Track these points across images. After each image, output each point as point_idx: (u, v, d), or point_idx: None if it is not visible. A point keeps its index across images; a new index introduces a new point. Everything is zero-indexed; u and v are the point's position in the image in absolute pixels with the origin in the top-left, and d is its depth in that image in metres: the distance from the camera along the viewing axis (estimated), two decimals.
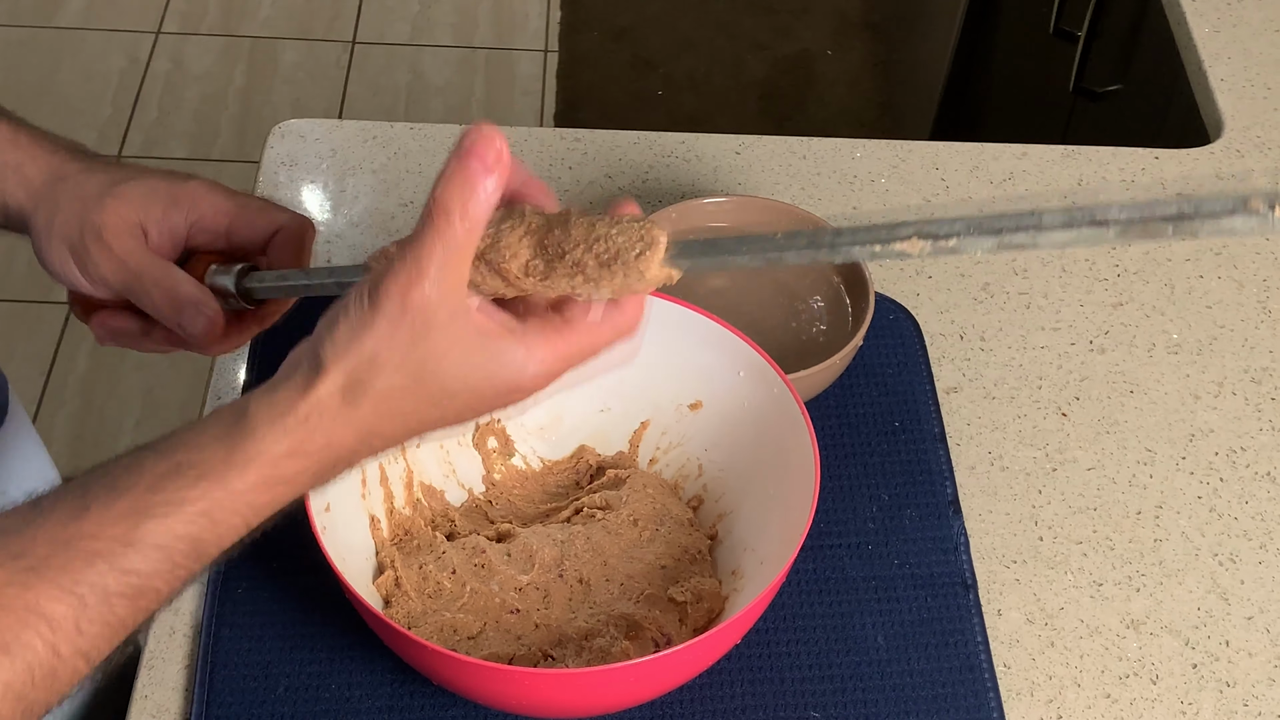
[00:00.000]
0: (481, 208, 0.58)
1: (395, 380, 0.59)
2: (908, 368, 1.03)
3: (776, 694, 0.86)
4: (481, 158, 0.57)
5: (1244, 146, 1.22)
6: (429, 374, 0.59)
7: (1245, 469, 1.00)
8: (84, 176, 0.77)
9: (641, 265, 0.59)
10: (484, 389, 0.61)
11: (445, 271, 0.58)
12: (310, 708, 0.84)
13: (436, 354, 0.59)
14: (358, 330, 0.58)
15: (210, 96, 2.67)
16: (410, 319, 0.58)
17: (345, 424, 0.60)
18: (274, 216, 0.78)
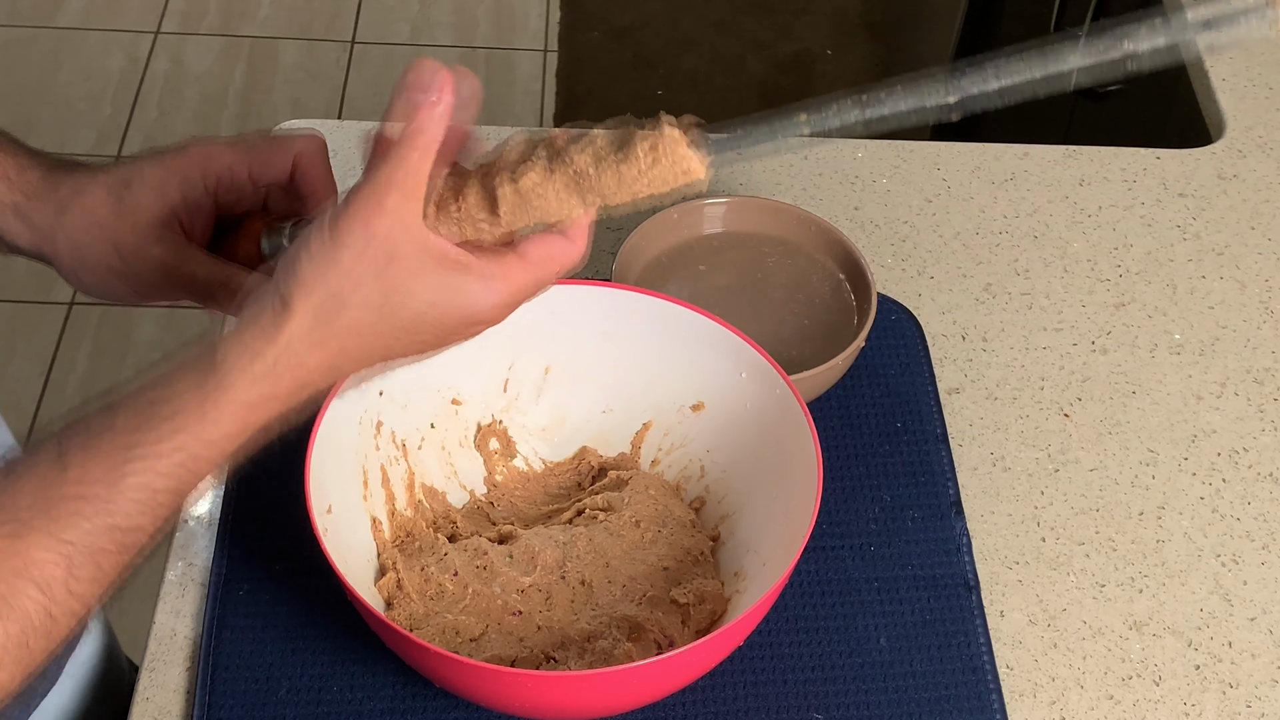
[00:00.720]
0: (431, 133, 0.59)
1: (360, 315, 0.60)
2: (910, 369, 1.03)
3: (779, 695, 0.86)
4: (424, 87, 0.58)
5: (1246, 146, 1.22)
6: (393, 306, 0.60)
7: (1248, 470, 0.99)
8: (82, 199, 0.75)
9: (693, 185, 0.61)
10: (447, 321, 0.62)
11: (406, 200, 0.59)
12: (312, 710, 0.84)
13: (400, 285, 0.60)
14: (321, 265, 0.59)
15: (210, 96, 2.67)
16: (374, 250, 0.59)
17: (314, 363, 0.61)
18: (287, 145, 0.77)
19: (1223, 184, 1.19)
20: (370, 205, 0.58)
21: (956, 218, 1.15)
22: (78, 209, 0.75)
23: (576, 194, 0.62)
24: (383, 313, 0.60)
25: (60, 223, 0.75)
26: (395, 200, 0.58)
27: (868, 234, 1.13)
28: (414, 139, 0.58)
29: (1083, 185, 1.18)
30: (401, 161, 0.58)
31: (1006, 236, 1.14)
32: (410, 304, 0.60)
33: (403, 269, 0.59)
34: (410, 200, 0.59)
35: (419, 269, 0.60)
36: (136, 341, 2.27)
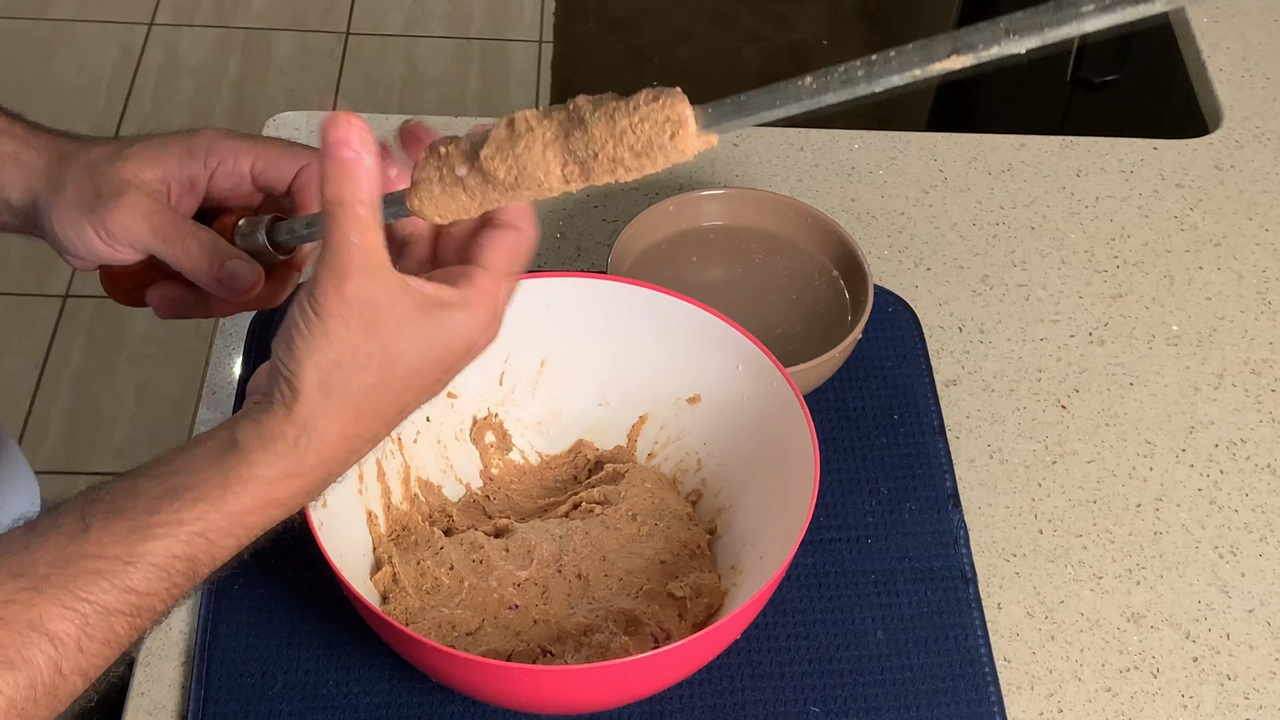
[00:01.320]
0: (369, 188, 0.59)
1: (366, 377, 0.61)
2: (907, 361, 1.02)
3: (776, 689, 0.86)
4: (347, 143, 0.59)
5: (1243, 137, 1.22)
6: (392, 360, 0.61)
7: (1245, 461, 0.99)
8: (86, 150, 0.76)
9: (679, 145, 0.58)
10: (445, 358, 0.63)
11: (367, 256, 0.59)
12: (307, 704, 0.83)
13: (392, 337, 0.60)
14: (312, 341, 0.60)
15: (204, 88, 2.66)
16: (357, 311, 0.59)
17: (333, 437, 0.61)
18: (297, 154, 0.76)
19: (1220, 174, 1.19)
20: (337, 273, 0.59)
21: (953, 209, 1.15)
22: (78, 157, 0.75)
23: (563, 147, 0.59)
24: (386, 369, 0.61)
25: (56, 169, 0.75)
26: (358, 261, 0.59)
27: (864, 225, 1.13)
28: (357, 196, 0.59)
29: (1080, 176, 1.18)
30: (353, 222, 0.59)
31: (1003, 228, 1.13)
32: (408, 353, 0.61)
33: (390, 323, 0.60)
34: (372, 256, 0.59)
35: (403, 319, 0.60)
36: (131, 334, 2.26)
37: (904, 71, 0.53)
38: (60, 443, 2.13)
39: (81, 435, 2.15)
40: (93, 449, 2.13)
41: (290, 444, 0.61)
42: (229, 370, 1.01)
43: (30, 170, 0.76)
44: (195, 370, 2.20)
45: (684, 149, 0.58)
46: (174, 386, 2.21)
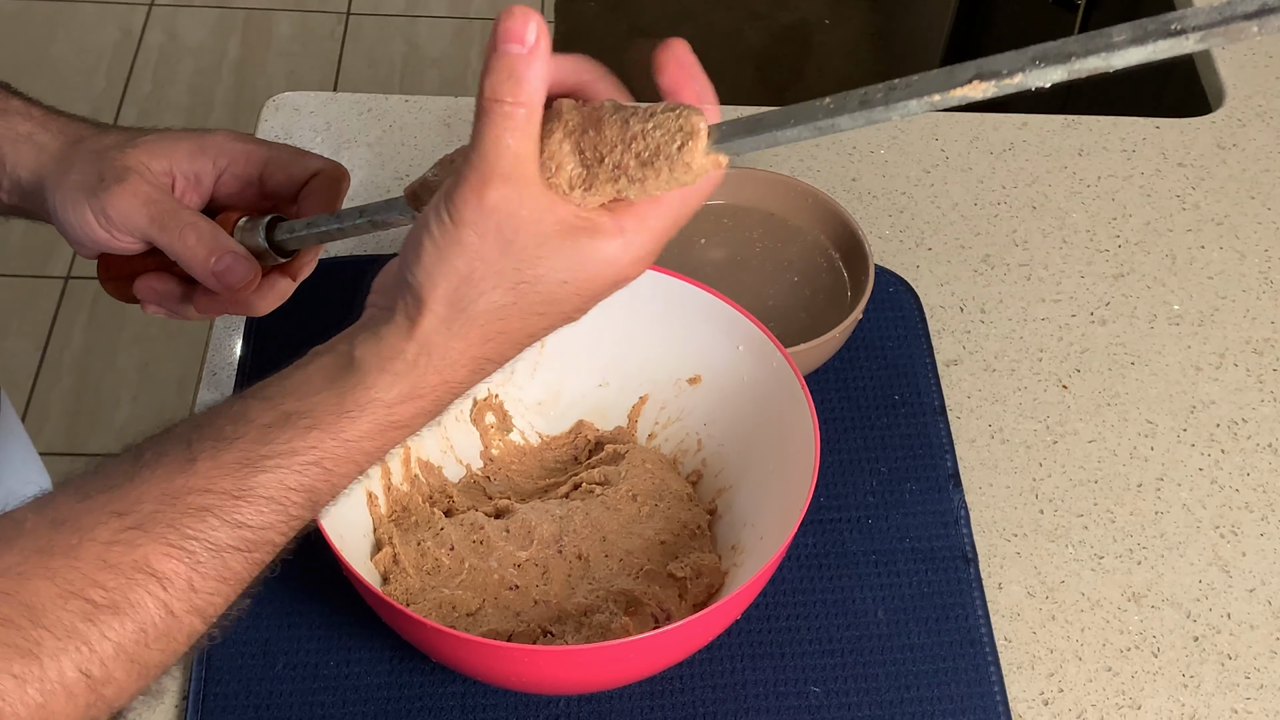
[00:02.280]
0: (534, 88, 0.54)
1: (496, 297, 0.56)
2: (907, 341, 1.02)
3: (777, 669, 0.86)
4: (519, 38, 0.53)
5: (1245, 115, 1.21)
6: (529, 282, 0.56)
7: (1247, 440, 0.99)
8: (101, 135, 0.75)
9: (686, 158, 0.55)
10: (587, 288, 0.57)
11: (517, 165, 0.54)
12: (308, 685, 0.84)
13: (531, 258, 0.55)
14: (445, 251, 0.55)
15: (204, 69, 2.66)
16: (495, 223, 0.54)
17: (457, 357, 0.57)
18: (308, 162, 0.76)
19: (1222, 153, 1.18)
20: (481, 177, 0.54)
21: (955, 188, 1.14)
22: (91, 141, 0.75)
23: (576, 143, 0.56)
24: (519, 290, 0.56)
25: (69, 151, 0.74)
26: (507, 168, 0.54)
27: (865, 205, 1.12)
28: (516, 95, 0.53)
29: (1082, 155, 1.17)
30: (508, 123, 0.53)
31: (1005, 207, 1.13)
32: (546, 278, 0.56)
33: (529, 241, 0.55)
34: (523, 165, 0.54)
35: (546, 241, 0.55)
36: (132, 316, 2.26)
37: (923, 97, 0.51)
38: (62, 424, 2.13)
39: (83, 416, 2.15)
40: (94, 430, 2.13)
41: (410, 363, 0.56)
42: (230, 352, 1.01)
43: (43, 151, 0.75)
44: (196, 351, 2.20)
45: (690, 163, 0.55)
46: (175, 367, 2.21)
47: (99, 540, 0.53)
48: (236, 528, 0.55)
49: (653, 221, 0.57)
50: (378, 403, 0.57)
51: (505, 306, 0.56)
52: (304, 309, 0.82)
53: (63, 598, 0.52)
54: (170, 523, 0.54)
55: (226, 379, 0.99)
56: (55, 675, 0.51)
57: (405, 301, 0.57)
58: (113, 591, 0.53)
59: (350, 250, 1.07)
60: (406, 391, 0.57)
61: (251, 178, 0.76)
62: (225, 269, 0.72)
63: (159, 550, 0.54)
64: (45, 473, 1.08)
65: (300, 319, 0.86)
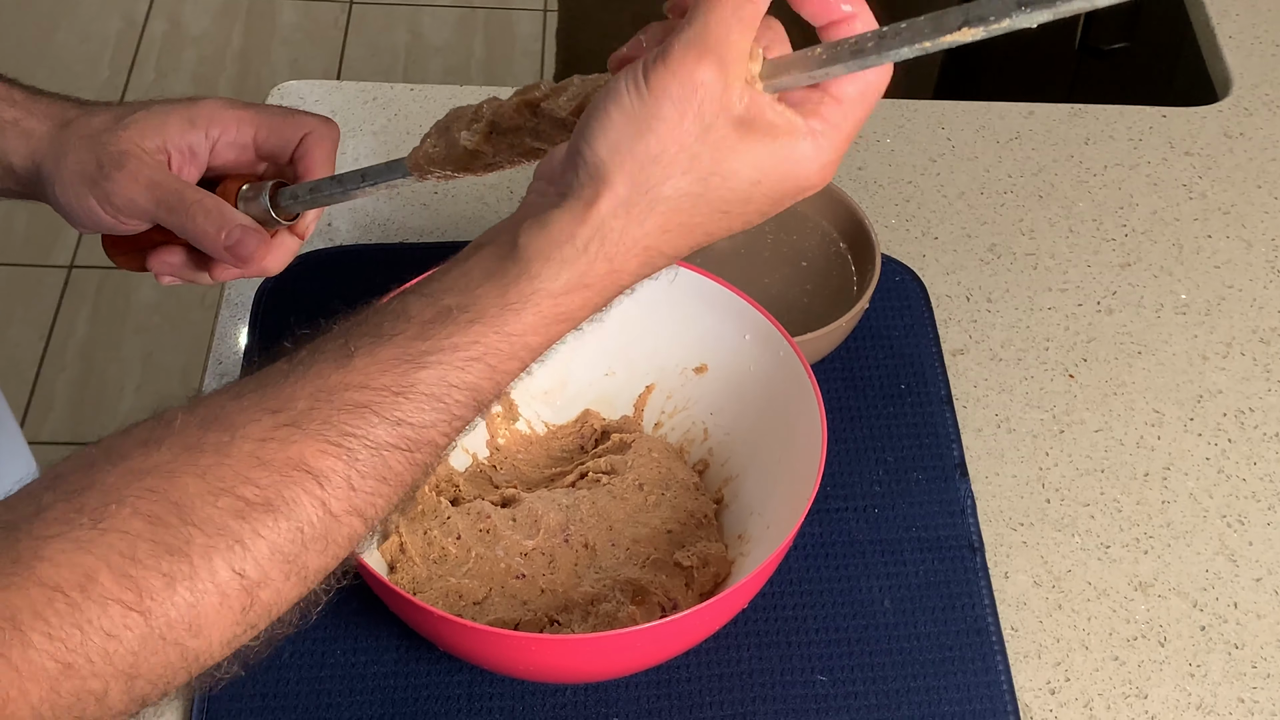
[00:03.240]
0: None
1: (683, 184, 0.53)
2: (914, 330, 1.02)
3: (783, 658, 0.86)
4: None
5: (1252, 104, 1.21)
6: (721, 174, 0.53)
7: (1254, 430, 0.99)
8: (88, 117, 0.75)
9: None
10: (776, 190, 0.54)
11: (733, 50, 0.51)
12: (315, 673, 0.84)
13: (728, 151, 0.52)
14: (638, 121, 0.51)
15: (208, 58, 2.65)
16: (699, 103, 0.51)
17: (630, 245, 0.54)
18: (300, 121, 0.76)
19: (1229, 142, 1.18)
20: (697, 50, 0.50)
21: (961, 177, 1.14)
22: (78, 125, 0.74)
23: None
24: (709, 183, 0.53)
25: (57, 136, 0.74)
26: (722, 48, 0.51)
27: (871, 194, 1.12)
28: None
29: (1088, 144, 1.17)
30: (740, 10, 0.51)
31: (1011, 196, 1.13)
32: (740, 173, 0.53)
33: (729, 131, 0.52)
34: (737, 51, 0.51)
35: (745, 135, 0.52)
36: (136, 305, 2.26)
37: (914, 44, 0.51)
38: (65, 413, 2.13)
39: (87, 406, 2.15)
40: (98, 419, 2.13)
41: (580, 248, 0.53)
42: (234, 341, 1.01)
43: (32, 137, 0.75)
44: (200, 341, 2.20)
45: None
46: (179, 357, 2.21)
47: (251, 437, 0.51)
48: (396, 425, 0.53)
49: (839, 120, 0.54)
50: (543, 293, 0.54)
51: (692, 196, 0.53)
52: (311, 296, 0.82)
53: (213, 494, 0.50)
54: (327, 419, 0.52)
55: (232, 368, 0.99)
56: (206, 574, 0.49)
57: (580, 180, 0.53)
58: (266, 489, 0.50)
59: (356, 239, 1.06)
60: (574, 280, 0.54)
61: (245, 143, 0.76)
62: (236, 243, 0.72)
63: (315, 447, 0.51)
64: (32, 460, 1.08)
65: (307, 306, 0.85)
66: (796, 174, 0.54)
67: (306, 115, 0.76)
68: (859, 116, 0.55)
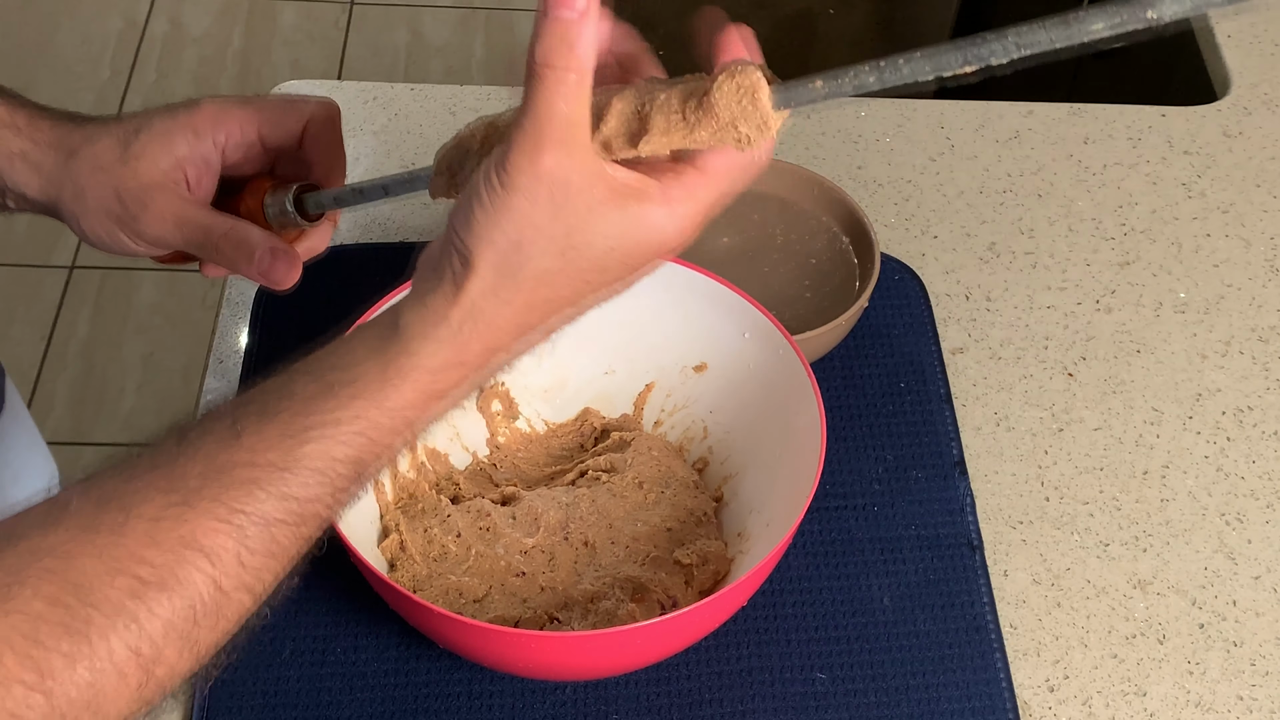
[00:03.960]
0: (586, 53, 0.54)
1: (545, 263, 0.55)
2: (913, 328, 1.02)
3: (783, 655, 0.86)
4: (570, 2, 0.54)
5: (1251, 103, 1.21)
6: (577, 248, 0.55)
7: (1253, 428, 0.99)
8: (92, 145, 0.75)
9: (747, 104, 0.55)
10: (633, 255, 0.57)
11: (569, 130, 0.54)
12: (315, 671, 0.84)
13: (580, 224, 0.55)
14: (495, 215, 0.55)
15: (208, 58, 2.65)
16: (547, 189, 0.54)
17: (502, 324, 0.57)
18: (300, 109, 0.76)
19: (1228, 141, 1.18)
20: (535, 143, 0.54)
21: (961, 176, 1.14)
22: (86, 155, 0.74)
23: None
24: (567, 257, 0.55)
25: (67, 167, 0.74)
26: (560, 133, 0.54)
27: (871, 193, 1.12)
28: (568, 61, 0.54)
29: (1087, 143, 1.17)
30: (561, 88, 0.53)
31: (1011, 195, 1.13)
32: (594, 244, 0.55)
33: (580, 206, 0.54)
34: (574, 130, 0.54)
35: (596, 205, 0.55)
36: (137, 305, 2.26)
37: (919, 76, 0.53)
38: (67, 413, 2.13)
39: (88, 406, 2.15)
40: (99, 419, 2.13)
41: (455, 328, 0.56)
42: (235, 340, 1.01)
43: (40, 170, 0.75)
44: (202, 340, 2.20)
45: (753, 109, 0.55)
46: (180, 356, 2.21)
47: (145, 516, 0.52)
48: (283, 500, 0.54)
49: (700, 193, 0.57)
50: (421, 369, 0.56)
51: (553, 272, 0.56)
52: (312, 296, 0.82)
53: (110, 574, 0.51)
54: (216, 496, 0.53)
55: (233, 367, 0.99)
56: (105, 653, 0.50)
57: (453, 268, 0.56)
58: (160, 568, 0.52)
59: (356, 239, 1.07)
60: (450, 358, 0.57)
61: (251, 140, 0.76)
62: (268, 268, 0.73)
63: (206, 525, 0.53)
64: (51, 460, 1.08)
65: (308, 306, 0.86)
66: (650, 240, 0.56)
67: (305, 101, 0.76)
68: (722, 190, 0.57)
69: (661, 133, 0.56)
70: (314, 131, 0.76)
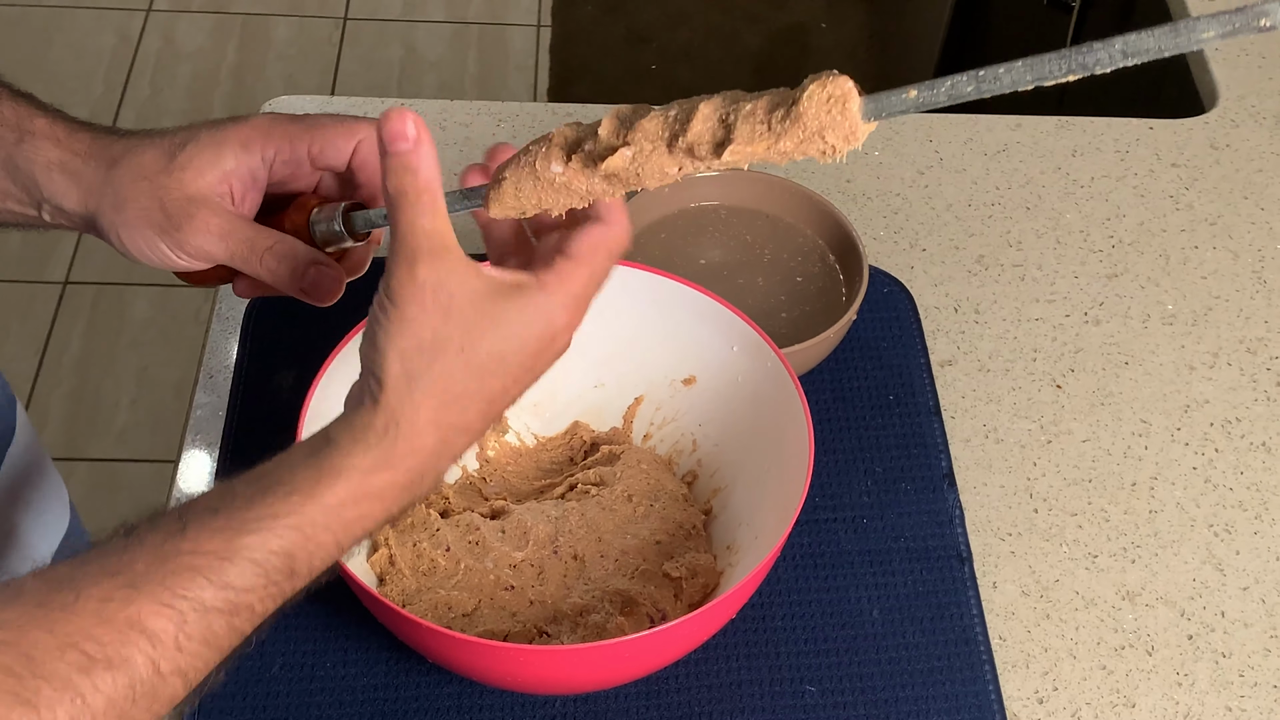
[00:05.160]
0: (429, 173, 0.60)
1: (446, 362, 0.60)
2: (902, 341, 1.02)
3: (772, 668, 0.86)
4: (403, 136, 0.59)
5: (1238, 116, 1.22)
6: (471, 343, 0.60)
7: (1240, 439, 0.99)
8: (136, 155, 0.74)
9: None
10: (526, 343, 0.62)
11: (434, 239, 0.59)
12: (305, 685, 0.84)
13: (469, 320, 0.60)
14: (393, 333, 0.60)
15: (202, 74, 2.66)
16: (431, 295, 0.59)
17: (422, 425, 0.61)
18: (353, 129, 0.75)
19: (1215, 154, 1.19)
20: (408, 259, 0.59)
21: (949, 190, 1.15)
22: (128, 164, 0.74)
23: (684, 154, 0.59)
24: (466, 353, 0.60)
25: (109, 177, 0.74)
26: (426, 244, 0.59)
27: (859, 207, 1.13)
28: (417, 185, 0.60)
29: (1075, 156, 1.18)
30: (417, 209, 0.59)
31: (999, 208, 1.14)
32: (487, 336, 0.61)
33: (464, 306, 0.60)
34: (440, 239, 0.60)
35: (478, 302, 0.60)
36: (131, 320, 2.26)
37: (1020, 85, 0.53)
38: (61, 428, 2.13)
39: (82, 420, 2.15)
40: (93, 434, 2.13)
41: (380, 433, 0.60)
42: (226, 354, 1.01)
43: (80, 180, 0.74)
44: (195, 355, 2.20)
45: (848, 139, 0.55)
46: (174, 371, 2.21)
47: (94, 597, 0.55)
48: (222, 589, 0.58)
49: (575, 276, 0.62)
50: (353, 469, 0.60)
51: (456, 369, 0.61)
52: (302, 311, 0.82)
53: (60, 649, 0.54)
54: (161, 581, 0.57)
55: (223, 382, 0.99)
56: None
57: (369, 386, 0.61)
58: (107, 646, 0.55)
59: None
60: (380, 459, 0.60)
61: (300, 158, 0.75)
62: (311, 284, 0.74)
63: (150, 608, 0.56)
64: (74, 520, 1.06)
65: (298, 321, 0.86)
66: (537, 324, 0.62)
67: (358, 122, 0.76)
68: (592, 269, 0.63)
69: (746, 141, 0.57)
70: (364, 153, 0.75)
